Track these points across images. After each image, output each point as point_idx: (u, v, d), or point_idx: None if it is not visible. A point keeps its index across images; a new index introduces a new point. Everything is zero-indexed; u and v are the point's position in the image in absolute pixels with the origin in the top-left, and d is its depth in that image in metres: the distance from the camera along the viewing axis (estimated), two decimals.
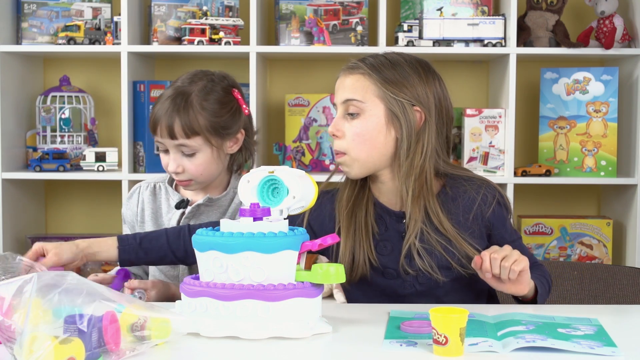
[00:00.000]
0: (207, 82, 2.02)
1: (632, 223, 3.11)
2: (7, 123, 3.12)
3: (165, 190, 2.13)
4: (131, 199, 2.16)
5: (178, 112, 1.96)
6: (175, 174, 2.01)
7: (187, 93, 1.98)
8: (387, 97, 1.81)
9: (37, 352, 1.21)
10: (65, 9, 3.24)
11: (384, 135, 1.82)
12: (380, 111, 1.82)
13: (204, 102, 1.98)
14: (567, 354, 1.36)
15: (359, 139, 1.82)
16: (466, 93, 3.41)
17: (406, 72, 1.84)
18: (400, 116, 1.81)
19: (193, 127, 1.96)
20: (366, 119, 1.82)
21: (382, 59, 1.86)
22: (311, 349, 1.43)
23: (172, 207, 2.09)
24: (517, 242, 1.89)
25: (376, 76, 1.82)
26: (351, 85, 1.84)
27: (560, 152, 3.18)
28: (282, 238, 1.49)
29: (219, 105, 2.00)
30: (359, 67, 1.84)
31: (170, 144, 1.99)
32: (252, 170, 1.66)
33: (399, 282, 1.84)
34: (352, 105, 1.82)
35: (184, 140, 1.97)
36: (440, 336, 1.34)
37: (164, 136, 1.98)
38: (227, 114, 2.01)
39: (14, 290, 1.29)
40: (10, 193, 3.15)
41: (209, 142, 1.99)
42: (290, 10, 3.20)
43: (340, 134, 1.84)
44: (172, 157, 2.00)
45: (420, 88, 1.84)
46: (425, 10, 3.15)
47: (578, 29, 3.29)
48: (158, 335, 1.39)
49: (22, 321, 1.24)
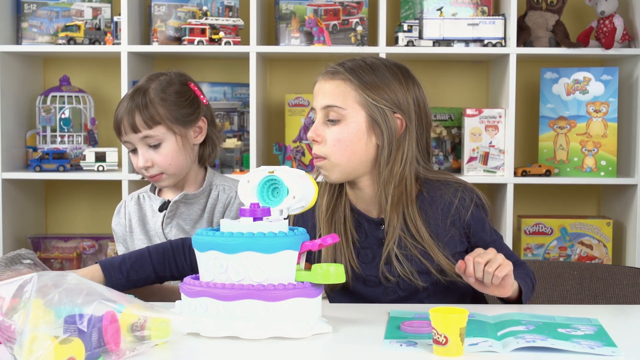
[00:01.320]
0: (163, 78, 2.11)
1: (632, 223, 3.11)
2: (7, 123, 3.13)
3: (149, 198, 2.19)
4: (119, 213, 2.22)
5: (138, 107, 2.04)
6: (145, 169, 2.07)
7: (145, 88, 2.07)
8: (368, 104, 1.80)
9: (37, 352, 1.21)
10: (65, 9, 3.24)
11: (365, 141, 1.81)
12: (361, 118, 1.80)
13: (162, 94, 2.07)
14: (567, 354, 1.36)
15: (339, 144, 1.80)
16: (466, 93, 3.41)
17: (386, 77, 1.82)
18: (381, 123, 1.80)
19: (153, 116, 2.04)
20: (347, 125, 1.80)
21: (361, 63, 1.84)
22: (311, 349, 1.43)
23: (156, 210, 2.16)
24: (498, 242, 1.88)
25: (357, 81, 1.80)
26: (331, 91, 1.82)
27: (560, 152, 3.18)
28: (282, 238, 1.49)
29: (177, 95, 2.09)
30: (339, 72, 1.82)
31: (135, 139, 2.06)
32: (252, 170, 1.66)
33: (381, 289, 1.84)
34: (332, 112, 1.81)
35: (147, 131, 2.04)
36: (440, 336, 1.34)
37: (127, 133, 2.05)
38: (186, 102, 2.09)
39: (14, 290, 1.29)
40: (10, 193, 3.15)
41: (172, 131, 2.06)
42: (290, 10, 3.20)
43: (320, 139, 1.82)
44: (140, 152, 2.06)
45: (401, 94, 1.82)
46: (425, 10, 3.15)
47: (578, 29, 3.29)
48: (158, 335, 1.39)
49: (22, 321, 1.24)
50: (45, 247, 3.27)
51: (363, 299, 1.85)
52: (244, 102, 3.30)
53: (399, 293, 1.83)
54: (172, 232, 2.12)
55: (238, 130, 3.29)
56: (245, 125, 3.27)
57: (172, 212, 2.13)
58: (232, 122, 3.28)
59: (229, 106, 3.30)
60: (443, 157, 3.25)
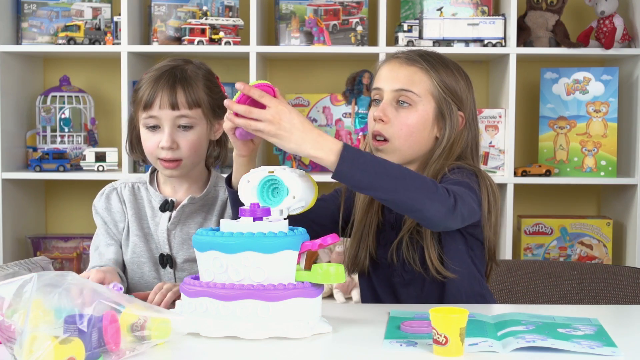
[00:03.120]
0: (194, 63, 2.01)
1: (632, 223, 3.11)
2: (7, 123, 3.13)
3: (146, 192, 2.03)
4: (110, 199, 2.05)
5: (181, 83, 1.92)
6: (169, 149, 1.92)
7: (183, 69, 1.96)
8: (439, 96, 1.85)
9: (37, 352, 1.21)
10: (65, 9, 3.24)
11: (428, 131, 1.85)
12: (431, 108, 1.84)
13: (201, 78, 1.97)
14: (567, 354, 1.36)
15: (407, 129, 1.83)
16: None
17: (455, 75, 1.88)
18: (447, 116, 1.84)
19: (196, 97, 1.93)
20: (417, 112, 1.84)
21: (435, 56, 1.89)
22: (311, 349, 1.43)
23: (156, 209, 2.01)
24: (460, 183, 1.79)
25: (434, 74, 1.85)
26: (407, 77, 1.85)
27: (560, 152, 3.18)
28: (282, 238, 1.49)
29: (212, 84, 2.00)
30: (416, 60, 1.86)
31: (168, 117, 1.92)
32: (252, 170, 1.66)
33: (389, 270, 1.88)
34: (405, 96, 1.84)
35: (186, 110, 1.92)
36: (440, 336, 1.34)
37: (164, 107, 1.91)
38: (219, 93, 2.01)
39: (14, 290, 1.29)
40: (10, 193, 3.15)
41: (206, 118, 1.96)
42: (290, 10, 3.20)
43: (387, 119, 1.84)
44: (167, 131, 1.92)
45: (465, 93, 1.88)
46: (425, 10, 3.15)
47: (578, 29, 3.29)
48: (158, 335, 1.39)
49: (22, 321, 1.24)
50: (45, 247, 3.27)
51: (377, 281, 1.90)
52: None
53: (403, 276, 1.86)
54: (176, 239, 1.98)
55: None
56: None
57: (178, 218, 1.98)
58: None
59: None
60: None
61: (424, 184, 1.61)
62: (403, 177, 1.60)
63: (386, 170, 1.59)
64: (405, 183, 1.59)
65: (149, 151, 1.97)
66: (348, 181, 1.59)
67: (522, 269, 2.25)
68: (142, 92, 1.94)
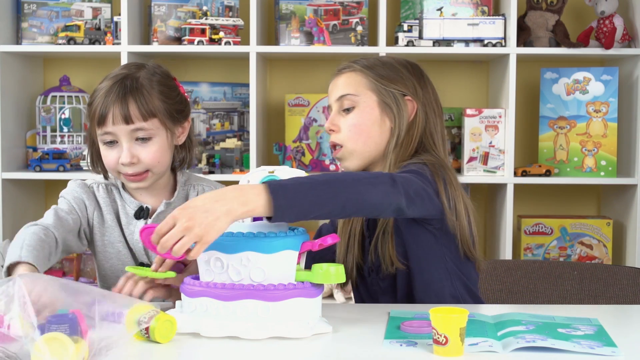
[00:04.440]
0: (147, 68, 1.90)
1: (632, 223, 3.11)
2: (7, 123, 3.13)
3: (120, 196, 1.94)
4: (86, 191, 1.94)
5: (132, 94, 1.82)
6: (130, 164, 1.83)
7: (135, 77, 1.85)
8: (379, 89, 1.86)
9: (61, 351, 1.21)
10: (65, 9, 3.24)
11: (379, 125, 1.85)
12: (373, 102, 1.86)
13: (155, 85, 1.86)
14: (567, 354, 1.36)
15: (355, 129, 1.85)
16: (466, 93, 3.41)
17: (395, 66, 1.89)
18: (392, 105, 1.85)
19: (150, 108, 1.82)
20: (361, 111, 1.86)
21: (372, 60, 1.91)
22: (311, 349, 1.43)
23: (130, 216, 1.92)
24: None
25: (368, 72, 1.88)
26: (344, 82, 1.89)
27: (560, 152, 3.18)
28: (282, 238, 1.49)
29: (168, 88, 1.89)
30: (350, 66, 1.90)
31: (123, 132, 1.82)
32: (252, 170, 1.65)
33: (373, 278, 1.87)
34: (346, 100, 1.87)
35: (141, 123, 1.82)
36: (440, 336, 1.34)
37: (117, 123, 1.81)
38: (177, 97, 1.91)
39: None
40: (10, 193, 3.15)
41: (164, 126, 1.85)
42: (290, 10, 3.20)
43: (336, 128, 1.88)
44: (126, 146, 1.82)
45: (410, 82, 1.88)
46: (425, 10, 3.15)
47: (578, 29, 3.29)
48: (162, 334, 1.40)
49: (23, 323, 1.24)
50: None
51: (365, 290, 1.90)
52: (244, 102, 3.30)
53: (380, 284, 1.85)
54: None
55: (238, 130, 3.29)
56: (245, 125, 3.28)
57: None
58: (232, 122, 3.29)
59: (229, 106, 3.30)
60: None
61: (356, 175, 1.59)
62: (335, 179, 1.55)
63: (316, 182, 1.51)
64: (341, 183, 1.54)
65: (110, 167, 1.88)
66: (291, 210, 1.47)
67: (522, 269, 2.25)
68: (94, 106, 1.85)
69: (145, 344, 1.41)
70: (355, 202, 1.54)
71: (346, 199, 1.52)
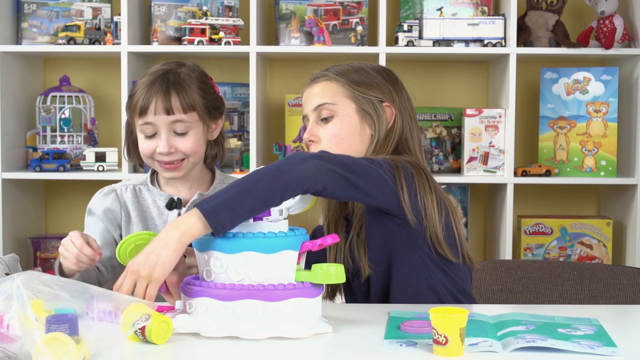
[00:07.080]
0: (187, 66, 2.00)
1: (632, 223, 3.11)
2: (7, 123, 3.13)
3: (149, 192, 2.04)
4: (108, 197, 2.04)
5: (175, 88, 1.92)
6: (168, 154, 1.93)
7: (177, 72, 1.95)
8: (357, 97, 1.85)
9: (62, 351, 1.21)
10: (65, 9, 3.24)
11: (359, 133, 1.85)
12: (352, 110, 1.85)
13: (194, 81, 1.96)
14: (567, 354, 1.36)
15: (335, 139, 1.84)
16: (466, 93, 3.41)
17: (370, 73, 1.88)
18: (372, 112, 1.84)
19: (190, 101, 1.92)
20: (340, 120, 1.84)
21: (346, 66, 1.90)
22: (311, 349, 1.43)
23: (162, 209, 2.01)
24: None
25: (342, 79, 1.86)
26: (320, 92, 1.87)
27: (560, 152, 3.18)
28: (282, 238, 1.49)
29: (206, 85, 1.99)
30: (323, 75, 1.89)
31: (163, 122, 1.92)
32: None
33: (356, 282, 1.86)
34: (324, 110, 1.85)
35: (181, 115, 1.92)
36: (440, 336, 1.34)
37: (158, 113, 1.91)
38: (214, 94, 2.01)
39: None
40: (10, 193, 3.15)
41: (202, 120, 1.96)
42: (290, 10, 3.20)
43: (316, 139, 1.86)
44: (164, 137, 1.92)
45: (386, 88, 1.87)
46: (425, 10, 3.15)
47: (578, 29, 3.29)
48: (158, 336, 1.40)
49: (22, 323, 1.24)
50: (45, 247, 3.27)
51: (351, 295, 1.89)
52: (244, 102, 3.30)
53: (361, 287, 1.84)
54: None
55: (238, 130, 3.29)
56: (245, 125, 3.28)
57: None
58: (232, 122, 3.29)
59: (229, 106, 3.30)
60: (443, 157, 3.25)
61: (283, 160, 1.55)
62: (263, 173, 1.51)
63: (241, 180, 1.51)
64: (262, 172, 1.51)
65: (146, 155, 1.97)
66: (223, 214, 1.46)
67: (522, 269, 2.25)
68: (136, 98, 1.94)
69: (146, 344, 1.41)
70: (281, 180, 1.49)
71: (273, 182, 1.49)
